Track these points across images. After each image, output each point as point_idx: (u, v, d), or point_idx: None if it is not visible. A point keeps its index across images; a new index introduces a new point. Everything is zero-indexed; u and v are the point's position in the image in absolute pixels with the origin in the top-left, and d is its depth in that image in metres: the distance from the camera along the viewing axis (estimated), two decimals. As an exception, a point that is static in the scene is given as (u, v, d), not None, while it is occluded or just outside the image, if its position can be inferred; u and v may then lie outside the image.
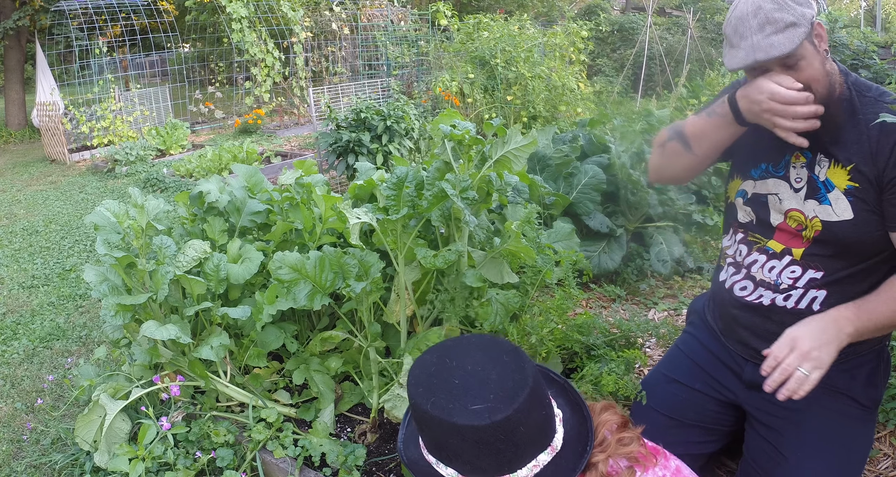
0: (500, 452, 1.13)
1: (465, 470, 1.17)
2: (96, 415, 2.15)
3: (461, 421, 1.10)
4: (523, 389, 1.14)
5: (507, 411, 1.10)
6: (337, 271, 2.18)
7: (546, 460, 1.18)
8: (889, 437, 2.16)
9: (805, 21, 1.38)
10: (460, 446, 1.14)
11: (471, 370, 1.18)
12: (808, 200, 1.49)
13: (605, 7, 15.01)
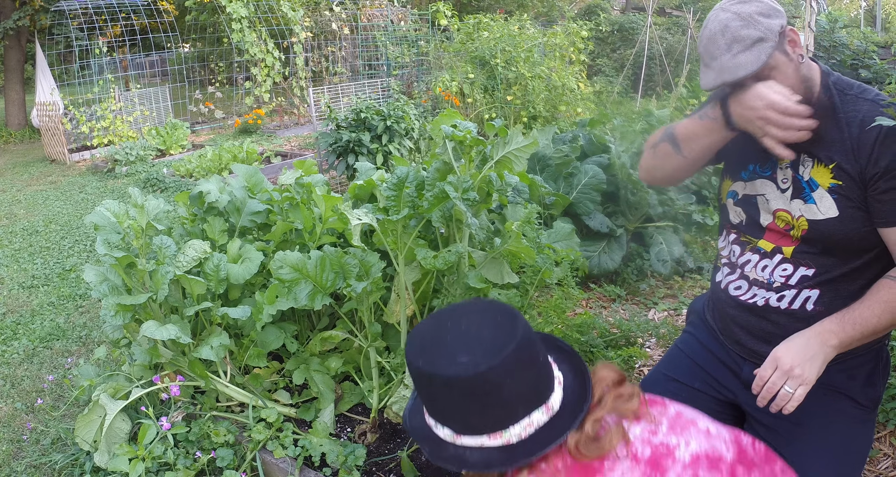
0: (487, 407, 1.12)
1: (458, 429, 1.17)
2: (96, 415, 2.15)
3: (447, 373, 1.11)
4: (510, 344, 1.13)
5: (491, 363, 1.10)
6: (338, 271, 2.18)
7: (542, 420, 1.16)
8: (889, 437, 2.16)
9: (772, 34, 1.41)
10: (449, 401, 1.14)
11: (464, 329, 1.18)
12: (794, 200, 1.50)
13: (605, 7, 15.01)
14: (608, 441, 1.15)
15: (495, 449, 1.15)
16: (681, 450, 1.17)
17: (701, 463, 1.16)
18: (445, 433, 1.19)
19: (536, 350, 1.19)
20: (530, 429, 1.15)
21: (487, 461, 1.15)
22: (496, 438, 1.15)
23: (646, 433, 1.19)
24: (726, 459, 1.20)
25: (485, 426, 1.14)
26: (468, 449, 1.17)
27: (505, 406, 1.13)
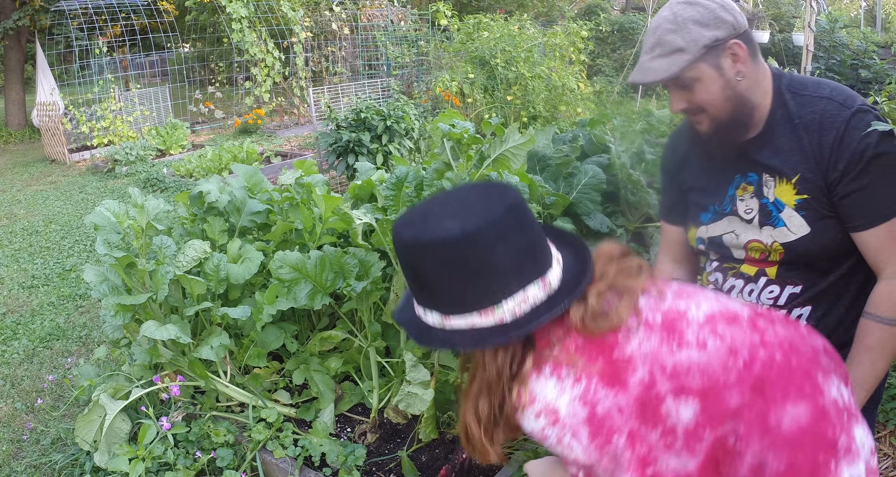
0: (478, 275, 1.04)
1: (447, 309, 1.08)
2: (96, 415, 2.15)
3: (433, 236, 1.03)
4: (500, 206, 1.06)
5: (479, 222, 1.03)
6: (337, 271, 2.18)
7: (539, 297, 1.07)
8: (889, 437, 2.16)
9: (695, 47, 1.37)
10: (437, 273, 1.05)
11: (453, 199, 1.11)
12: (764, 228, 1.48)
13: (605, 7, 15.00)
14: (616, 313, 1.08)
15: (487, 329, 1.07)
16: (692, 311, 1.11)
17: (717, 320, 1.10)
18: (434, 318, 1.11)
19: (530, 219, 1.11)
20: (525, 305, 1.07)
21: (478, 339, 1.07)
22: (488, 315, 1.06)
23: (652, 303, 1.13)
24: (743, 315, 1.13)
25: (476, 301, 1.06)
26: (457, 332, 1.09)
27: (496, 275, 1.04)
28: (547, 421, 1.07)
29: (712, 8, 1.40)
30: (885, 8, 13.47)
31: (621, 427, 1.05)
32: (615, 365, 1.06)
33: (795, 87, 1.45)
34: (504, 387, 1.11)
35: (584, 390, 1.06)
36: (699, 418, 1.04)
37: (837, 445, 1.07)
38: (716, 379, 1.05)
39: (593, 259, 1.17)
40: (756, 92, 1.44)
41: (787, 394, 1.06)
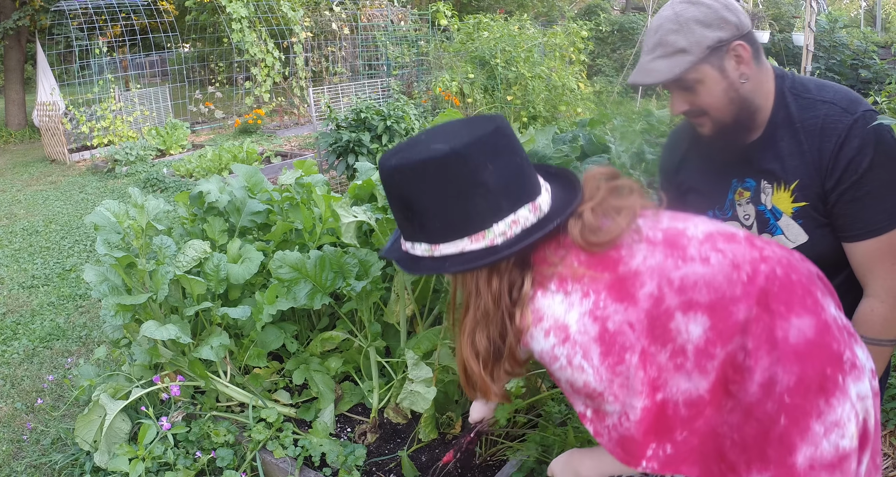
0: (467, 195, 1.02)
1: (436, 237, 1.06)
2: (96, 415, 2.15)
3: (422, 157, 1.01)
4: (488, 127, 1.05)
5: (467, 141, 1.01)
6: (337, 271, 2.18)
7: (529, 219, 1.06)
8: (889, 437, 2.16)
9: (698, 48, 1.34)
10: (426, 196, 1.03)
11: (440, 129, 1.09)
12: (762, 235, 1.45)
13: (605, 7, 15.00)
14: (616, 225, 1.06)
15: (478, 251, 1.04)
16: (690, 230, 1.10)
17: (716, 238, 1.09)
18: (422, 249, 1.08)
19: (517, 143, 1.09)
20: (516, 227, 1.04)
21: (468, 261, 1.04)
22: (478, 239, 1.04)
23: (650, 222, 1.11)
24: (740, 234, 1.13)
25: (465, 225, 1.03)
26: (447, 257, 1.06)
27: (486, 195, 1.02)
28: (557, 339, 1.03)
29: (716, 8, 1.37)
30: (885, 8, 13.46)
31: (634, 344, 1.02)
32: (622, 279, 1.04)
33: (798, 89, 1.42)
34: (504, 315, 1.08)
35: (594, 305, 1.03)
36: (709, 335, 1.03)
37: (843, 358, 1.06)
38: (722, 293, 1.03)
39: (583, 181, 1.15)
40: (759, 94, 1.41)
41: (791, 307, 1.05)
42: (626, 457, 1.09)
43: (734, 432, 1.06)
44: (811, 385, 1.03)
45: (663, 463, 1.09)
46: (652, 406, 1.05)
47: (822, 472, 1.03)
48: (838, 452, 1.03)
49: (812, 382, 1.03)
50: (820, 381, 1.03)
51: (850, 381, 1.06)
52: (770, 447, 1.04)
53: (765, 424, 1.04)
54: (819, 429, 1.03)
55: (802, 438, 1.03)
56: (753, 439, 1.05)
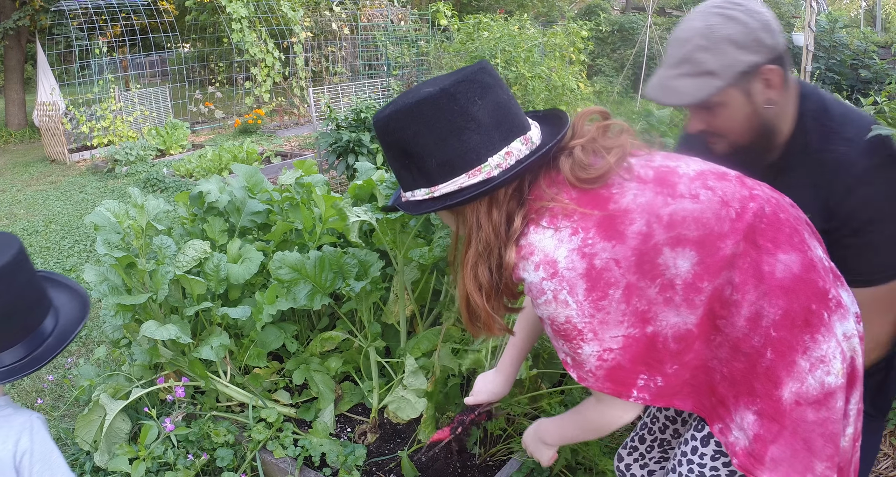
0: (461, 130, 1.06)
1: (434, 178, 1.10)
2: (96, 415, 2.15)
3: (413, 99, 1.06)
4: (473, 68, 1.10)
5: (455, 81, 1.07)
6: (337, 271, 2.18)
7: (522, 150, 1.09)
8: (889, 437, 2.16)
9: (729, 72, 1.25)
10: (422, 137, 1.07)
11: (430, 79, 1.14)
12: None
13: (605, 7, 15.00)
14: (605, 163, 1.08)
15: (477, 183, 1.08)
16: (682, 168, 1.12)
17: (707, 176, 1.11)
18: (422, 193, 1.12)
19: (502, 83, 1.13)
20: (510, 158, 1.08)
21: (469, 193, 1.08)
22: (476, 175, 1.08)
23: (642, 161, 1.14)
24: (731, 173, 1.14)
25: (462, 161, 1.07)
26: (448, 194, 1.10)
27: (480, 129, 1.07)
28: (546, 274, 1.06)
29: (753, 27, 1.25)
30: (885, 8, 13.47)
31: (619, 280, 1.05)
32: (612, 216, 1.06)
33: (820, 116, 1.34)
34: (503, 247, 1.11)
35: (583, 242, 1.06)
36: (697, 269, 1.05)
37: (828, 296, 1.08)
38: (710, 228, 1.06)
39: (574, 120, 1.17)
40: (781, 118, 1.34)
41: (778, 243, 1.07)
42: (617, 388, 1.10)
43: (723, 366, 1.09)
44: (796, 319, 1.05)
45: (655, 395, 1.11)
46: (641, 337, 1.07)
47: (807, 408, 1.05)
48: (824, 388, 1.05)
49: (797, 317, 1.05)
50: (805, 315, 1.05)
51: (836, 318, 1.07)
52: (757, 381, 1.07)
53: (752, 358, 1.06)
54: (804, 364, 1.05)
55: (788, 372, 1.05)
56: (741, 373, 1.07)
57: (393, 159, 1.14)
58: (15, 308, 1.25)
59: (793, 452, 1.06)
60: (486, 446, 2.10)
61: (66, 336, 1.32)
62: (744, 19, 1.26)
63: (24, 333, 1.27)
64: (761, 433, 1.07)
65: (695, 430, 1.24)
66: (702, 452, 1.21)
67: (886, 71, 7.68)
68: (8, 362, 1.26)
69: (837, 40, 8.16)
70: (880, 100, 1.90)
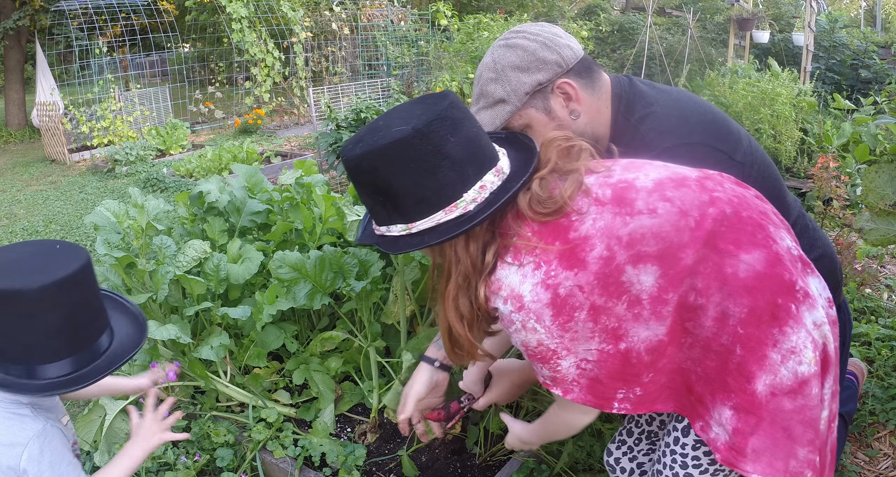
0: (436, 168, 1.08)
1: (411, 215, 1.12)
2: (96, 415, 2.15)
3: (386, 141, 1.07)
4: (442, 103, 1.11)
5: (427, 119, 1.07)
6: (337, 271, 2.18)
7: (494, 182, 1.12)
8: (889, 437, 2.16)
9: (517, 97, 1.31)
10: (397, 178, 1.09)
11: (394, 114, 1.15)
12: None
13: (605, 7, 14.99)
14: (562, 195, 1.11)
15: (453, 219, 1.11)
16: (640, 180, 1.14)
17: (666, 186, 1.13)
18: (399, 229, 1.14)
19: (470, 116, 1.16)
20: (484, 192, 1.11)
21: (446, 230, 1.10)
22: (452, 210, 1.10)
23: (601, 179, 1.16)
24: (691, 177, 1.16)
25: (439, 198, 1.10)
26: (425, 232, 1.12)
27: (454, 166, 1.09)
28: (513, 307, 1.11)
29: (532, 49, 1.32)
30: (885, 8, 13.47)
31: (583, 303, 1.09)
32: (572, 245, 1.09)
33: (627, 111, 1.40)
34: (478, 279, 1.15)
35: (545, 275, 1.09)
36: (661, 282, 1.08)
37: (795, 287, 1.09)
38: (669, 241, 1.08)
39: (540, 148, 1.20)
40: (597, 124, 1.39)
41: (740, 244, 1.09)
42: (598, 401, 1.15)
43: (696, 366, 1.12)
44: (763, 315, 1.07)
45: (635, 404, 1.15)
46: (615, 353, 1.11)
47: (783, 398, 1.08)
48: (797, 377, 1.07)
49: (763, 313, 1.07)
50: (772, 310, 1.07)
51: (804, 309, 1.09)
52: (730, 377, 1.09)
53: (722, 356, 1.09)
54: (776, 357, 1.07)
55: (760, 366, 1.07)
56: (714, 371, 1.10)
57: (366, 196, 1.15)
58: (68, 322, 1.20)
59: (773, 440, 1.08)
60: (486, 446, 2.10)
61: (117, 360, 1.26)
62: (523, 44, 1.33)
63: (74, 348, 1.22)
64: (740, 427, 1.09)
65: (675, 420, 1.27)
66: (683, 443, 1.24)
67: (886, 71, 7.69)
68: (51, 376, 1.20)
69: (837, 40, 8.16)
70: (880, 100, 1.90)
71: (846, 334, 1.66)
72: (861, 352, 2.52)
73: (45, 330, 1.18)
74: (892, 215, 1.78)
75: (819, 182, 3.19)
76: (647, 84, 1.47)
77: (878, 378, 2.40)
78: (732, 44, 8.52)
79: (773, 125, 4.56)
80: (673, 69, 10.79)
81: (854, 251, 2.95)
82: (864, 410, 2.24)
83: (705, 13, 12.77)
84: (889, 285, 3.19)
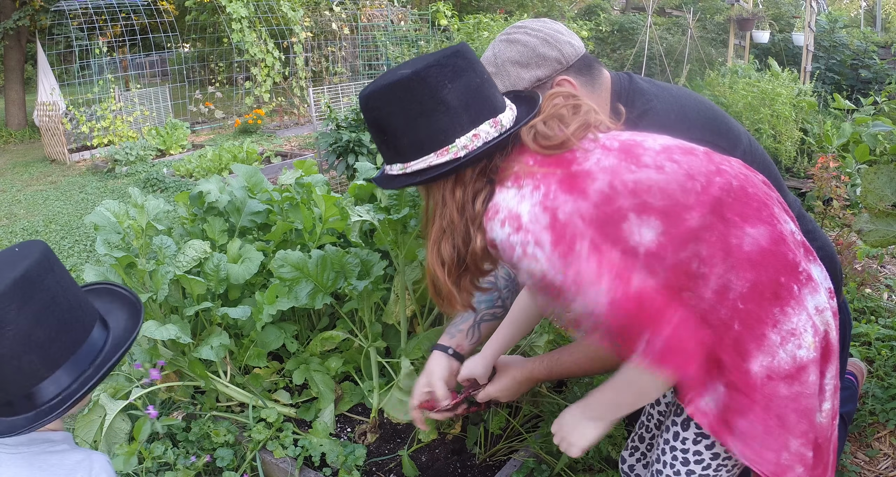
0: (429, 114, 1.11)
1: (407, 155, 1.14)
2: (96, 415, 2.15)
3: (389, 82, 1.12)
4: (448, 51, 1.14)
5: (428, 64, 1.11)
6: (339, 271, 2.18)
7: (490, 133, 1.13)
8: (889, 437, 2.16)
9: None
10: (395, 117, 1.13)
11: (412, 60, 1.19)
12: None
13: (605, 7, 14.99)
14: (568, 132, 1.12)
15: (443, 163, 1.13)
16: (649, 142, 1.14)
17: (673, 150, 1.13)
18: (397, 168, 1.18)
19: (478, 66, 1.17)
20: (477, 141, 1.12)
21: (434, 172, 1.13)
22: (443, 154, 1.12)
23: (610, 135, 1.16)
24: (699, 148, 1.16)
25: (431, 141, 1.12)
26: (417, 172, 1.15)
27: (448, 112, 1.11)
28: (511, 228, 1.09)
29: (532, 45, 1.34)
30: (885, 8, 13.47)
31: (583, 233, 1.05)
32: (574, 175, 1.09)
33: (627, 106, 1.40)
34: (468, 223, 1.15)
35: (544, 196, 1.08)
36: (661, 239, 1.05)
37: (798, 268, 1.07)
38: (675, 199, 1.06)
39: (543, 99, 1.21)
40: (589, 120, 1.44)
41: (746, 217, 1.07)
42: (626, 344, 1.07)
43: None
44: (765, 292, 1.04)
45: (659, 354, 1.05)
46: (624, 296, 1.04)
47: (779, 382, 1.05)
48: (796, 362, 1.05)
49: (766, 289, 1.04)
50: (774, 288, 1.05)
51: (807, 292, 1.07)
52: (724, 353, 1.06)
53: (719, 331, 1.06)
54: (775, 338, 1.04)
55: (758, 346, 1.05)
56: (709, 346, 1.07)
57: (373, 134, 1.21)
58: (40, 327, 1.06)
59: (765, 428, 1.06)
60: (486, 446, 2.10)
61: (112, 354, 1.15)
62: (524, 39, 1.36)
63: (63, 355, 1.10)
64: (731, 405, 1.07)
65: (675, 415, 1.25)
66: (683, 437, 1.23)
67: (886, 71, 7.69)
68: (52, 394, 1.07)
69: (837, 40, 8.16)
70: (880, 100, 1.90)
71: (846, 334, 1.66)
72: (861, 352, 2.52)
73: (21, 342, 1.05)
74: (891, 216, 1.78)
75: (819, 182, 3.19)
76: (647, 81, 1.48)
77: (878, 378, 2.40)
78: (732, 44, 8.51)
79: (773, 125, 4.56)
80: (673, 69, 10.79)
81: (854, 251, 2.95)
82: (864, 410, 2.24)
83: (705, 13, 12.77)
84: (889, 285, 3.19)
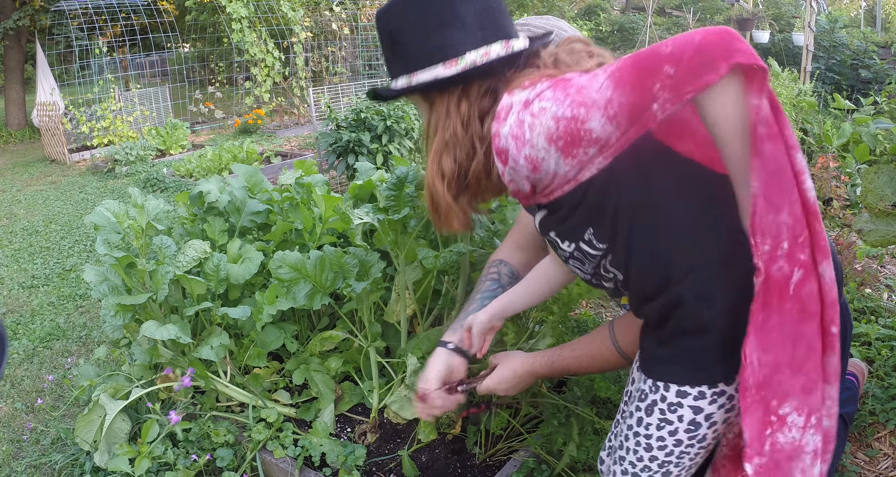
0: (444, 26, 1.13)
1: (414, 65, 1.16)
2: (96, 415, 2.15)
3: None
4: None
5: None
6: (337, 271, 2.18)
7: (500, 53, 1.14)
8: (889, 437, 2.16)
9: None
10: (407, 27, 1.15)
11: None
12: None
13: (605, 7, 14.99)
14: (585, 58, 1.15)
15: (449, 76, 1.14)
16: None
17: None
18: (402, 82, 1.19)
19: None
20: (487, 58, 1.13)
21: (439, 81, 1.14)
22: (451, 66, 1.13)
23: None
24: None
25: (440, 52, 1.14)
26: (421, 83, 1.16)
27: (461, 27, 1.13)
28: (519, 107, 1.07)
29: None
30: (885, 8, 13.47)
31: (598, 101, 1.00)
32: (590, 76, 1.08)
33: None
34: (472, 139, 1.15)
35: (553, 86, 1.08)
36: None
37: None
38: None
39: (560, 41, 1.23)
40: None
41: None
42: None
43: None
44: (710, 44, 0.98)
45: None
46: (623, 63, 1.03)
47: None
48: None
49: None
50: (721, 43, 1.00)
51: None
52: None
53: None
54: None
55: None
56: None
57: (385, 48, 1.22)
58: None
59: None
60: (486, 446, 2.10)
61: None
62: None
63: None
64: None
65: (639, 401, 1.24)
66: (647, 423, 1.23)
67: (886, 71, 7.69)
68: None
69: (837, 40, 8.16)
70: (880, 100, 1.90)
71: (846, 335, 1.66)
72: (861, 352, 2.52)
73: None
74: (891, 216, 1.78)
75: (819, 182, 3.19)
76: None
77: (878, 378, 2.40)
78: (732, 44, 8.50)
79: (773, 125, 4.55)
80: (673, 69, 10.77)
81: (854, 251, 2.95)
82: (864, 410, 2.24)
83: (705, 13, 12.77)
84: (889, 285, 3.19)
